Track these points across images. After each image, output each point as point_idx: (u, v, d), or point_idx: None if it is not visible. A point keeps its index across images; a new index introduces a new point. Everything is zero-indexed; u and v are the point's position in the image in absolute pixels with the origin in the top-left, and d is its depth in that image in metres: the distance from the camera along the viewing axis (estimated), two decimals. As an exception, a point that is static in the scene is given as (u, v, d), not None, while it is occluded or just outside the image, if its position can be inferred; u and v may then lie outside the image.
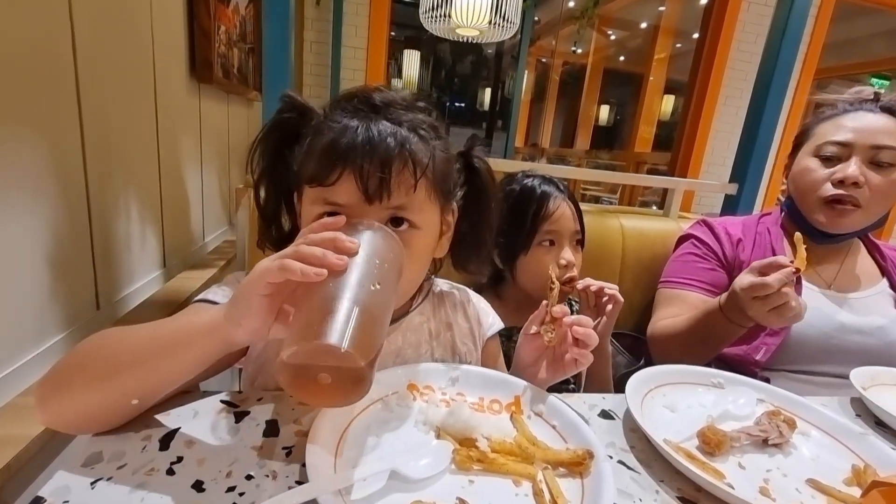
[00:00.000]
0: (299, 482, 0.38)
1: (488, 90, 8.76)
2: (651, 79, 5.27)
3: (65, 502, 0.34)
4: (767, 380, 0.68)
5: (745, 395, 0.58)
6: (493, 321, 0.68)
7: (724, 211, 1.47)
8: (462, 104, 9.67)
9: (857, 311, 0.85)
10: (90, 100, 0.84)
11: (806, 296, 0.85)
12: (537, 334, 0.56)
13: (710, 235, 0.96)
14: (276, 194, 0.56)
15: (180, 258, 1.31)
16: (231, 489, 0.36)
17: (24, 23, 0.69)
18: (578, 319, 0.54)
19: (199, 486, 0.36)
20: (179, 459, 0.39)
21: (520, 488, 0.40)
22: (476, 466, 0.41)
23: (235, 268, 1.37)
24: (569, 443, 0.46)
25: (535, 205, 0.83)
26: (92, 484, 0.36)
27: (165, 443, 0.41)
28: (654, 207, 2.83)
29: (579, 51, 7.02)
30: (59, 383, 0.41)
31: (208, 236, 1.56)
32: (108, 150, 0.92)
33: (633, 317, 1.09)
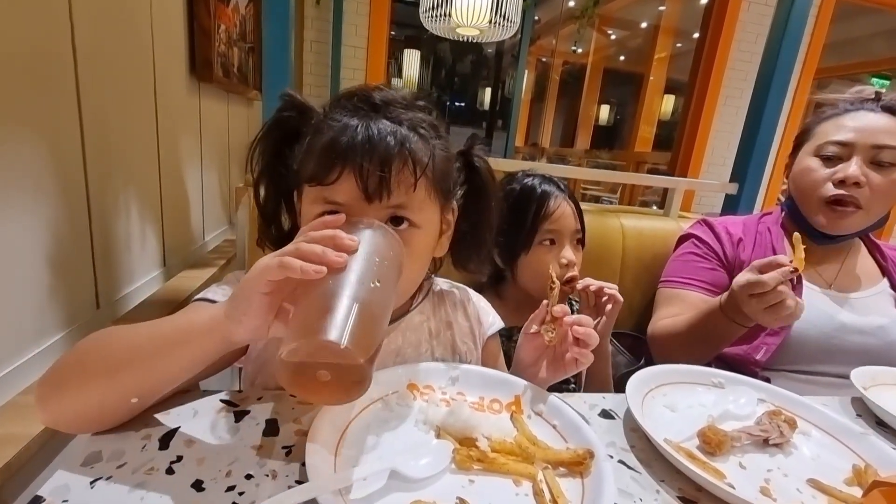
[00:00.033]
0: (299, 481, 0.38)
1: (488, 90, 8.75)
2: (651, 78, 5.27)
3: (64, 501, 0.34)
4: (768, 380, 0.68)
5: (745, 395, 0.58)
6: (493, 320, 0.68)
7: (724, 211, 1.47)
8: (462, 104, 9.66)
9: (858, 310, 0.85)
10: (90, 99, 0.84)
11: (806, 295, 0.84)
12: (538, 334, 0.56)
13: (710, 235, 0.96)
14: (276, 193, 0.56)
15: (180, 257, 1.31)
16: (231, 488, 0.36)
17: (24, 23, 0.68)
18: (579, 319, 0.53)
19: (198, 486, 0.36)
20: (179, 459, 0.39)
21: (520, 488, 0.40)
22: (476, 466, 0.41)
23: (235, 267, 1.37)
24: (569, 442, 0.46)
25: (535, 204, 0.83)
26: (91, 483, 0.36)
27: (165, 442, 0.41)
28: (655, 207, 2.82)
29: (579, 50, 7.02)
30: (59, 382, 0.41)
31: (208, 235, 1.56)
32: (108, 150, 0.92)
33: (633, 316, 1.09)
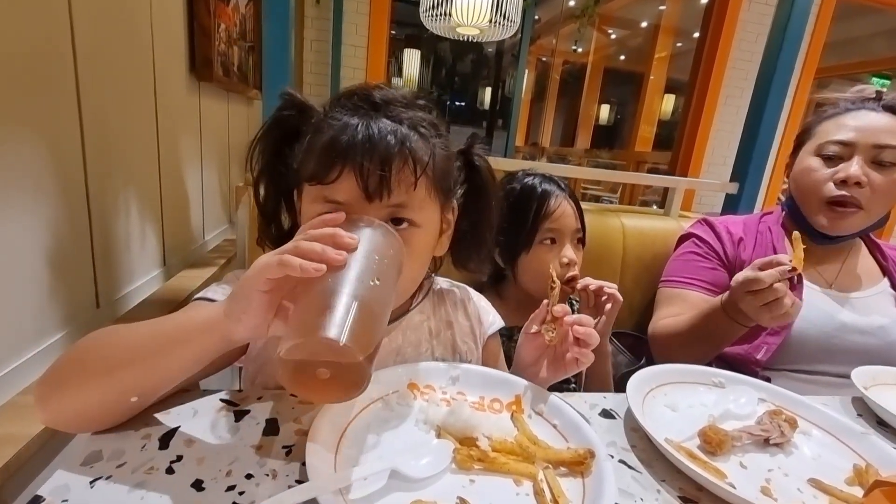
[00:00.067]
0: (299, 481, 0.38)
1: (489, 89, 8.74)
2: (651, 78, 5.27)
3: (64, 501, 0.34)
4: (768, 379, 0.68)
5: (746, 395, 0.58)
6: (493, 319, 0.68)
7: (724, 210, 1.47)
8: (462, 103, 9.65)
9: (859, 310, 0.85)
10: (90, 99, 0.84)
11: (807, 295, 0.84)
12: (538, 333, 0.56)
13: (711, 234, 0.96)
14: (276, 192, 0.56)
15: (180, 257, 1.31)
16: (231, 488, 0.36)
17: (24, 23, 0.68)
18: (579, 319, 0.53)
19: (198, 485, 0.36)
20: (179, 458, 0.39)
21: (521, 488, 0.40)
22: (477, 466, 0.41)
23: (235, 266, 1.36)
24: (570, 442, 0.45)
25: (536, 203, 0.83)
26: (91, 483, 0.36)
27: (165, 441, 0.41)
28: (655, 207, 2.82)
29: (580, 50, 7.02)
30: (59, 381, 0.41)
31: (208, 235, 1.56)
32: (108, 149, 0.92)
33: (633, 316, 1.09)
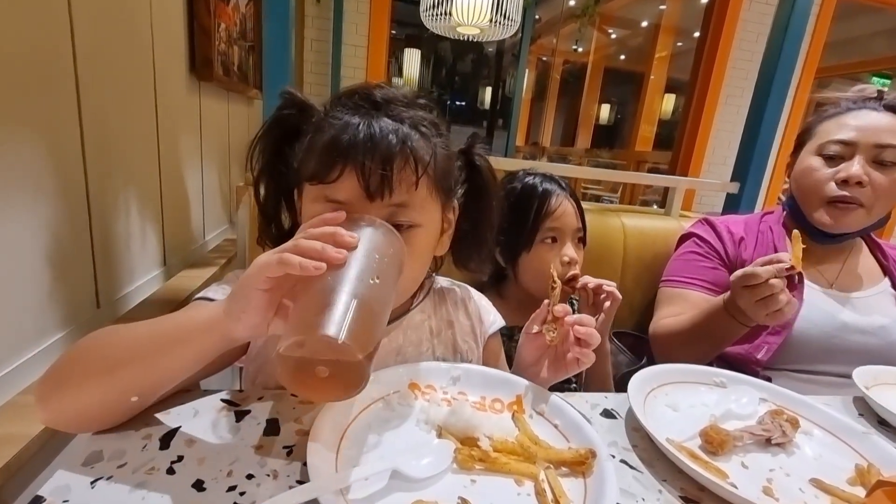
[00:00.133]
0: (300, 481, 0.38)
1: (489, 89, 8.74)
2: (652, 77, 5.27)
3: (65, 501, 0.34)
4: (769, 379, 0.68)
5: (747, 395, 0.58)
6: (494, 319, 0.68)
7: (725, 210, 1.47)
8: (463, 103, 9.65)
9: (860, 310, 0.85)
10: (90, 99, 0.84)
11: (808, 295, 0.84)
12: (539, 333, 0.56)
13: (711, 234, 0.96)
14: (277, 191, 0.56)
15: (180, 257, 1.31)
16: (232, 488, 0.36)
17: (24, 23, 0.68)
18: (580, 318, 0.53)
19: (199, 486, 0.36)
20: (180, 458, 0.39)
21: (522, 488, 0.40)
22: (478, 466, 0.41)
23: (236, 266, 1.36)
24: (571, 442, 0.45)
25: (537, 202, 0.83)
26: (92, 483, 0.36)
27: (166, 442, 0.41)
28: (655, 207, 2.82)
29: (580, 49, 7.02)
30: (59, 381, 0.41)
31: (209, 234, 1.56)
32: (108, 149, 0.92)
33: (634, 316, 1.09)
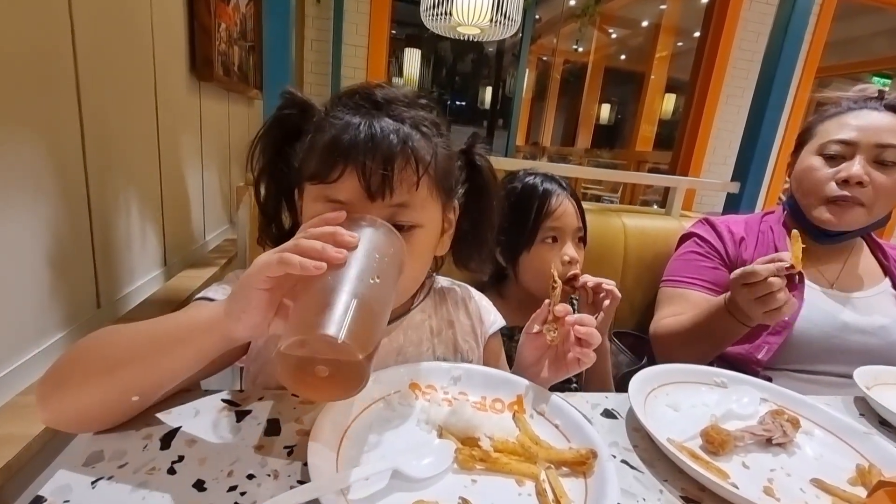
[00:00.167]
0: (301, 481, 0.38)
1: (489, 88, 8.74)
2: (652, 77, 5.27)
3: (65, 502, 0.34)
4: (770, 379, 0.68)
5: (748, 395, 0.57)
6: (494, 318, 0.68)
7: (725, 210, 1.47)
8: (463, 102, 9.65)
9: (860, 310, 0.85)
10: (90, 99, 0.84)
11: (808, 295, 0.84)
12: (539, 333, 0.56)
13: (712, 234, 0.96)
14: (277, 191, 0.56)
15: (181, 257, 1.31)
16: (232, 488, 0.36)
17: (24, 23, 0.68)
18: (581, 318, 0.53)
19: (200, 486, 0.36)
20: (180, 458, 0.39)
21: (523, 488, 0.40)
22: (479, 466, 0.41)
23: (236, 266, 1.36)
24: (572, 442, 0.45)
25: (537, 201, 0.83)
26: (93, 483, 0.36)
27: (166, 442, 0.41)
28: (656, 206, 2.82)
29: (580, 49, 7.02)
30: (60, 381, 0.41)
31: (209, 235, 1.56)
32: (108, 149, 0.92)
33: (634, 316, 1.09)
